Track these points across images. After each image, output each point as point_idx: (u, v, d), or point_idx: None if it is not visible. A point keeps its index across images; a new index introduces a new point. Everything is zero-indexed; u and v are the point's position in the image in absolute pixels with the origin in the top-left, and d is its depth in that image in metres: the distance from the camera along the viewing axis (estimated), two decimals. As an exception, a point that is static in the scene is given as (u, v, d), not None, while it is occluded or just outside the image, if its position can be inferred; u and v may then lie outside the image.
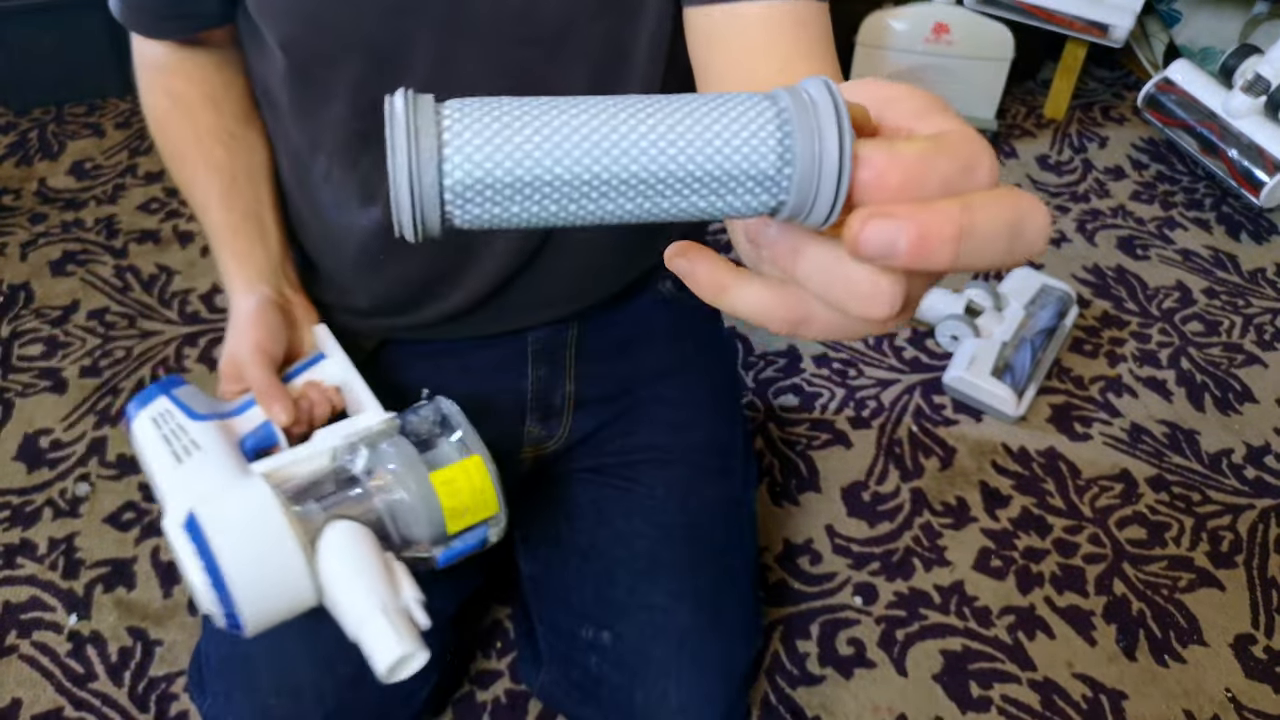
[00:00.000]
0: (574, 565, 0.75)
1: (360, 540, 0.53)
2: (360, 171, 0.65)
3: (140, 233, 1.33)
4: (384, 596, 0.51)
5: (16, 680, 0.85)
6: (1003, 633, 0.91)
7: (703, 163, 0.23)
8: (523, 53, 0.59)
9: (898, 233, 0.22)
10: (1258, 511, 1.03)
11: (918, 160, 0.23)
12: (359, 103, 0.61)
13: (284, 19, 0.58)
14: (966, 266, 0.23)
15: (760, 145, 0.23)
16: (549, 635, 0.76)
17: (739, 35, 0.54)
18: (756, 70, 0.52)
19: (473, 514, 0.56)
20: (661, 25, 0.60)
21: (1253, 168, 1.33)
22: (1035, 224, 0.24)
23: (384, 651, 0.49)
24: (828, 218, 0.23)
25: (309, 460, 0.57)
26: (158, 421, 0.58)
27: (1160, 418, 1.13)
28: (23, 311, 1.21)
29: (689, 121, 0.23)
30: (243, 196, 0.68)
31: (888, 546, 0.98)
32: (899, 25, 1.47)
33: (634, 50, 0.60)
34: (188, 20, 0.66)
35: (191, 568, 0.50)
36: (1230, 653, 0.91)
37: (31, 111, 1.55)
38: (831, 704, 0.85)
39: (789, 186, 0.23)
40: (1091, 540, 1.00)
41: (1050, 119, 1.62)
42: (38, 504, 0.99)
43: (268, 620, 0.52)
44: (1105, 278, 1.32)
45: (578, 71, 0.60)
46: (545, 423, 0.77)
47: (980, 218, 0.23)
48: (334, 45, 0.58)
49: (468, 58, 0.58)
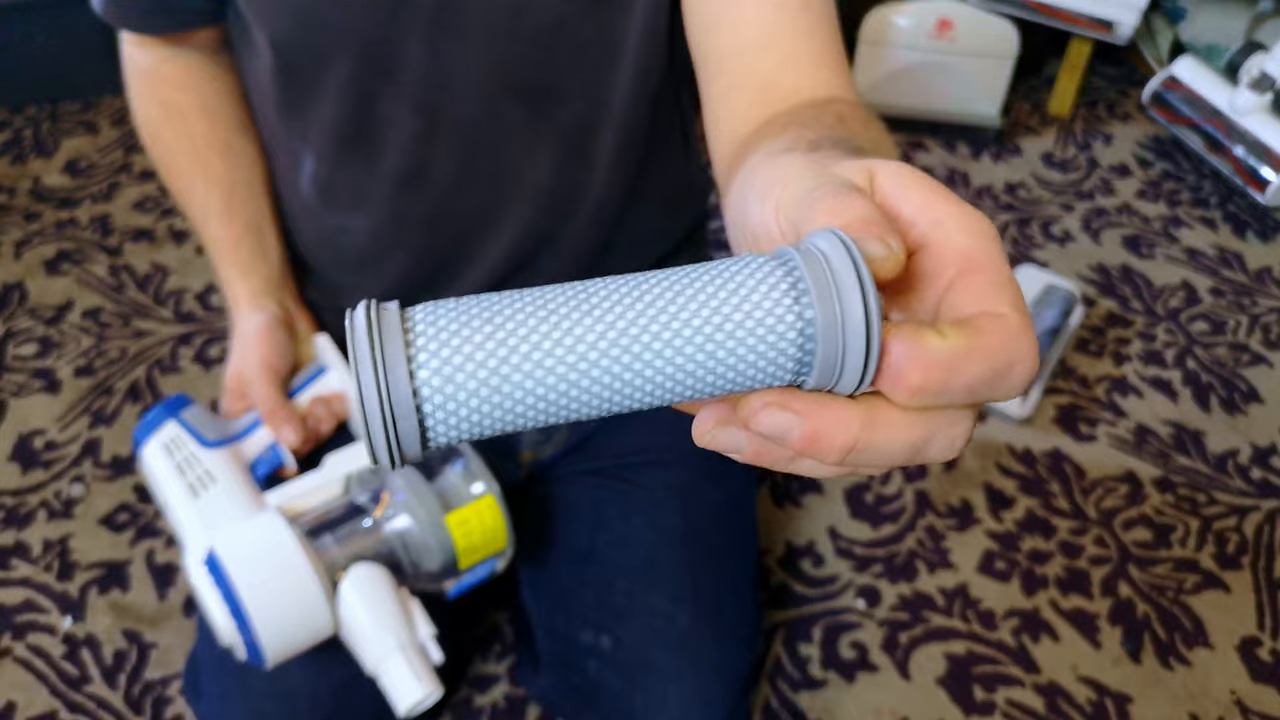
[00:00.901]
0: (573, 569, 0.74)
1: (379, 581, 0.54)
2: (349, 171, 0.64)
3: (135, 231, 1.32)
4: (401, 636, 0.53)
5: (11, 683, 0.84)
6: (1007, 636, 0.90)
7: (710, 365, 0.21)
8: (514, 49, 0.58)
9: (790, 429, 0.22)
10: (1264, 513, 1.02)
11: (944, 366, 0.21)
12: (348, 101, 0.60)
13: (275, 16, 0.57)
14: (858, 471, 0.23)
15: (778, 341, 0.21)
16: (547, 639, 0.76)
17: (738, 23, 0.51)
18: (758, 62, 0.50)
19: (484, 550, 0.58)
20: (656, 18, 0.58)
21: (1259, 165, 1.32)
22: (940, 447, 0.23)
23: (405, 693, 0.52)
24: (855, 390, 0.22)
25: (321, 490, 0.58)
26: (169, 450, 0.58)
27: (1166, 418, 1.12)
28: (17, 311, 1.20)
29: (687, 316, 0.20)
30: (243, 209, 0.67)
31: (891, 549, 0.97)
32: (902, 21, 1.46)
33: (627, 44, 0.59)
34: (176, 15, 0.64)
35: (214, 605, 0.51)
36: (1236, 655, 0.90)
37: (26, 109, 1.54)
38: (834, 708, 0.84)
39: (809, 373, 0.21)
40: (1096, 542, 0.99)
41: (1055, 116, 1.60)
42: (32, 505, 0.98)
43: (288, 653, 0.54)
44: (1110, 277, 1.31)
45: (570, 67, 0.59)
46: (543, 428, 0.76)
47: (880, 439, 0.22)
48: (325, 43, 0.58)
49: (458, 55, 0.57)
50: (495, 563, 0.60)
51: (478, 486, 0.58)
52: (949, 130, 1.53)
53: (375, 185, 0.65)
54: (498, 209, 0.66)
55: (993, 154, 1.52)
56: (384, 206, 0.66)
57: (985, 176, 1.48)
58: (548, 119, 0.62)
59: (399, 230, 0.67)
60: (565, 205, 0.67)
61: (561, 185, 0.66)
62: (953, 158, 1.52)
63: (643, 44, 0.60)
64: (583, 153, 0.65)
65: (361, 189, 0.65)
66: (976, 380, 0.21)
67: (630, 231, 0.70)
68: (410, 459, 0.21)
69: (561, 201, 0.66)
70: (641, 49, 0.60)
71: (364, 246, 0.67)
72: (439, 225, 0.66)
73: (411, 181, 0.64)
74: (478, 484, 0.59)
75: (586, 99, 0.62)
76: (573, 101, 0.61)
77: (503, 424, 0.21)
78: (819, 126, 0.38)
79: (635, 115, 0.64)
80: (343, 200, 0.65)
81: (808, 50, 0.49)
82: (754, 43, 0.50)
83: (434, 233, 0.67)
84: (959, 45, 1.45)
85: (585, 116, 0.63)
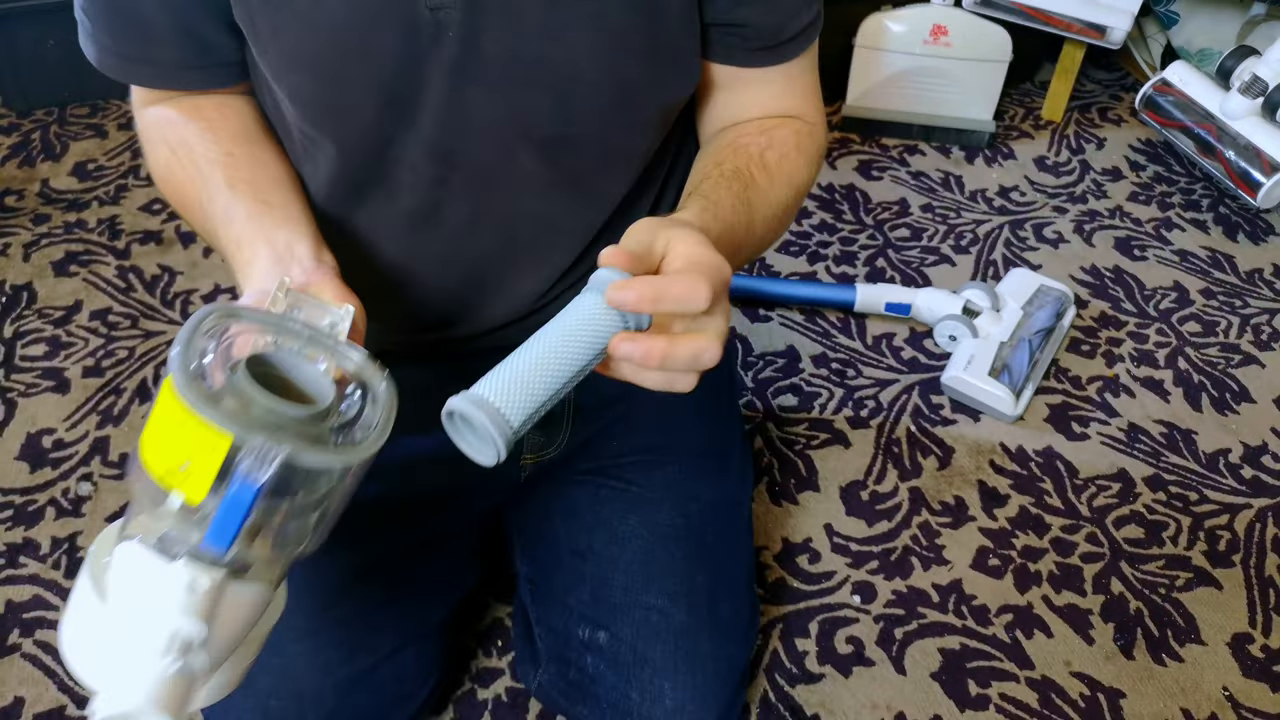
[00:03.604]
0: (570, 565, 0.76)
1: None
2: (361, 210, 0.64)
3: (143, 233, 1.34)
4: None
5: (19, 679, 0.86)
6: (1001, 631, 0.92)
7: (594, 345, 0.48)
8: (531, 97, 0.59)
9: (633, 350, 0.46)
10: (1255, 511, 1.04)
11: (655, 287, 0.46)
12: (365, 146, 0.60)
13: (296, 71, 0.57)
14: (672, 369, 0.47)
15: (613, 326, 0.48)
16: (546, 635, 0.77)
17: (735, 89, 0.67)
18: (743, 117, 0.68)
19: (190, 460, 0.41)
20: (673, 71, 0.63)
21: (1250, 169, 1.33)
22: (709, 358, 0.47)
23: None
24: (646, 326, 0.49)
25: None
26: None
27: (1157, 417, 1.14)
28: (25, 312, 1.21)
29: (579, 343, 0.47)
30: (247, 198, 0.63)
31: (886, 545, 0.99)
32: (897, 27, 1.48)
33: (643, 94, 0.62)
34: (210, 70, 0.61)
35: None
36: (1228, 651, 0.91)
37: (34, 112, 1.56)
38: (830, 702, 0.86)
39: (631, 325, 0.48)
40: (1089, 539, 1.00)
41: (1048, 120, 1.62)
42: (40, 503, 1.00)
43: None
44: (1103, 278, 1.33)
45: (586, 115, 0.60)
46: (546, 429, 0.77)
47: (678, 351, 0.46)
48: (346, 94, 0.58)
49: (476, 101, 0.58)
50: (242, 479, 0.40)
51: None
52: (943, 134, 1.55)
53: (387, 225, 0.65)
54: (512, 249, 0.67)
55: (986, 158, 1.54)
56: (396, 244, 0.66)
57: (979, 180, 1.50)
58: (562, 164, 0.63)
59: (412, 267, 0.67)
60: (578, 243, 0.68)
61: (576, 225, 0.68)
62: (946, 161, 1.53)
63: (657, 95, 0.62)
64: (597, 194, 0.66)
65: (374, 227, 0.65)
66: (680, 296, 0.46)
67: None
68: (510, 443, 0.46)
69: (576, 240, 0.68)
70: (655, 99, 0.62)
71: (376, 282, 0.65)
72: (452, 263, 0.67)
73: (425, 222, 0.65)
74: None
75: (600, 143, 0.63)
76: (588, 146, 0.63)
77: (531, 408, 0.46)
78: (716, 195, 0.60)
79: (647, 155, 0.66)
80: (353, 237, 0.66)
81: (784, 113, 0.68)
82: (743, 108, 0.68)
83: (447, 271, 0.68)
84: (953, 50, 1.47)
85: (599, 160, 0.64)
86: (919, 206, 1.44)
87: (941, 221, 1.41)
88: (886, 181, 1.49)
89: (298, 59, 0.57)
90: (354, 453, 0.43)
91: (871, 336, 1.23)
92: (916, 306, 1.21)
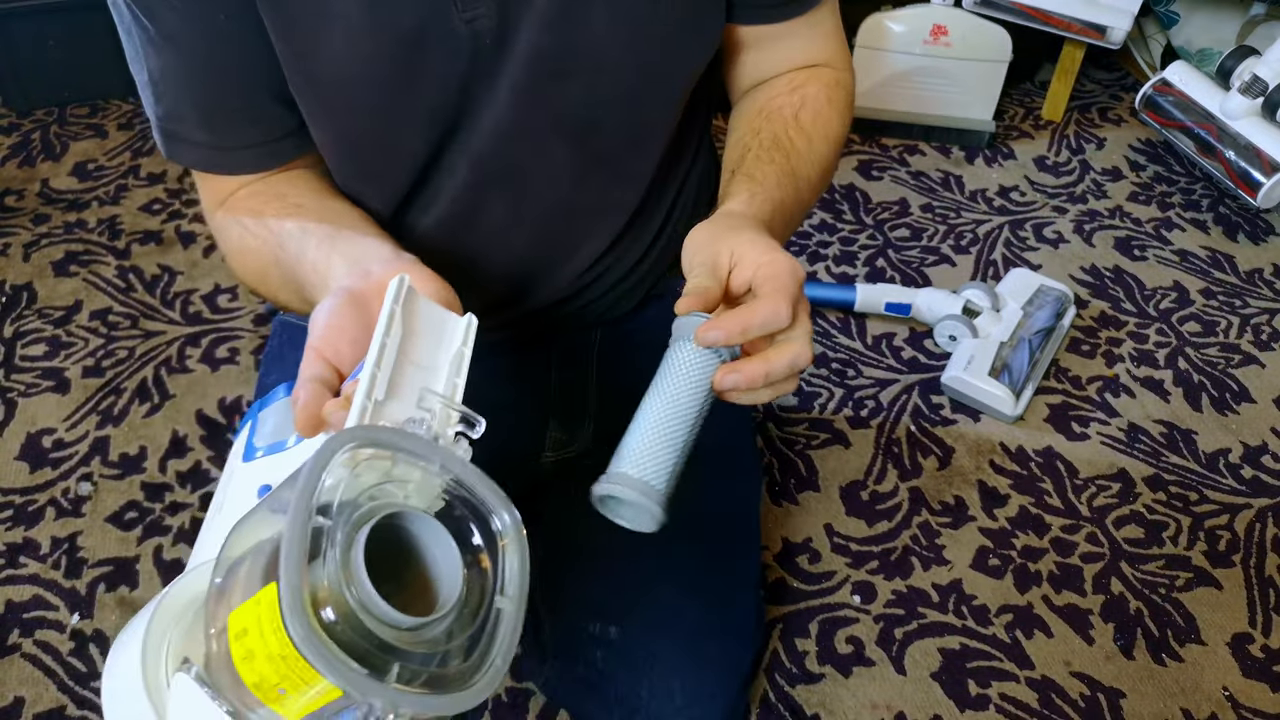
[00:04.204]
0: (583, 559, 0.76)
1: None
2: (400, 219, 0.65)
3: (143, 233, 1.34)
4: None
5: (19, 679, 0.86)
6: (1001, 631, 0.92)
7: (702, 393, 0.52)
8: (558, 87, 0.59)
9: (738, 380, 0.49)
10: (1255, 511, 1.04)
11: (742, 319, 0.49)
12: (413, 166, 0.61)
13: (348, 116, 0.58)
14: (775, 382, 0.50)
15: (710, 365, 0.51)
16: (555, 629, 0.77)
17: (761, 47, 0.67)
18: (772, 73, 0.68)
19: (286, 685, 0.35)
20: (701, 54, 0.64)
21: (1250, 169, 1.33)
22: (804, 361, 0.50)
23: None
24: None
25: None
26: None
27: (1157, 417, 1.14)
28: (25, 312, 1.21)
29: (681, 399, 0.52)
30: (320, 231, 0.58)
31: (886, 545, 0.99)
32: (897, 27, 1.48)
33: (670, 77, 0.64)
34: (280, 144, 0.61)
35: None
36: (1227, 651, 0.91)
37: (34, 112, 1.56)
38: (830, 702, 0.86)
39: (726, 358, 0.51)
40: (1089, 539, 1.00)
41: (1048, 120, 1.62)
42: (40, 503, 1.00)
43: None
44: (1103, 278, 1.33)
45: (613, 101, 0.62)
46: (568, 426, 0.77)
47: (776, 368, 0.49)
48: (397, 129, 0.59)
49: (505, 99, 0.59)
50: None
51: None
52: (943, 134, 1.55)
53: (425, 234, 0.66)
54: (548, 238, 0.68)
55: (986, 158, 1.54)
56: (434, 251, 0.66)
57: (979, 180, 1.50)
58: (591, 149, 0.64)
59: (449, 267, 0.68)
60: (617, 223, 0.70)
61: (609, 206, 0.69)
62: (946, 161, 1.53)
63: (683, 66, 0.63)
64: (628, 174, 0.67)
65: (410, 239, 0.66)
66: (764, 321, 0.48)
67: (675, 227, 0.74)
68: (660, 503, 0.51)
69: (615, 220, 0.69)
70: (681, 71, 0.63)
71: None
72: (491, 261, 0.68)
73: (463, 225, 0.66)
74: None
75: (629, 124, 0.64)
76: (617, 129, 0.64)
77: (669, 467, 0.52)
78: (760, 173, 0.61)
79: (673, 129, 0.67)
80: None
81: (807, 65, 0.68)
82: (769, 63, 0.68)
83: (487, 268, 0.69)
84: (953, 50, 1.47)
85: (629, 140, 0.65)
86: (919, 206, 1.44)
87: (941, 221, 1.41)
88: (886, 181, 1.49)
89: (347, 108, 0.58)
90: (472, 696, 0.36)
91: (871, 336, 1.23)
92: (916, 306, 1.21)
